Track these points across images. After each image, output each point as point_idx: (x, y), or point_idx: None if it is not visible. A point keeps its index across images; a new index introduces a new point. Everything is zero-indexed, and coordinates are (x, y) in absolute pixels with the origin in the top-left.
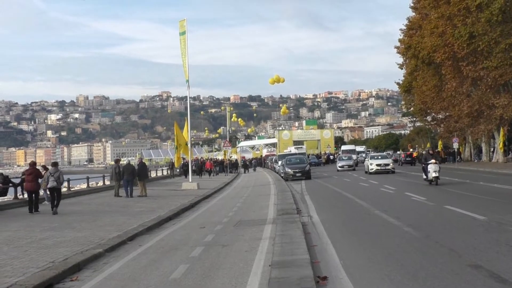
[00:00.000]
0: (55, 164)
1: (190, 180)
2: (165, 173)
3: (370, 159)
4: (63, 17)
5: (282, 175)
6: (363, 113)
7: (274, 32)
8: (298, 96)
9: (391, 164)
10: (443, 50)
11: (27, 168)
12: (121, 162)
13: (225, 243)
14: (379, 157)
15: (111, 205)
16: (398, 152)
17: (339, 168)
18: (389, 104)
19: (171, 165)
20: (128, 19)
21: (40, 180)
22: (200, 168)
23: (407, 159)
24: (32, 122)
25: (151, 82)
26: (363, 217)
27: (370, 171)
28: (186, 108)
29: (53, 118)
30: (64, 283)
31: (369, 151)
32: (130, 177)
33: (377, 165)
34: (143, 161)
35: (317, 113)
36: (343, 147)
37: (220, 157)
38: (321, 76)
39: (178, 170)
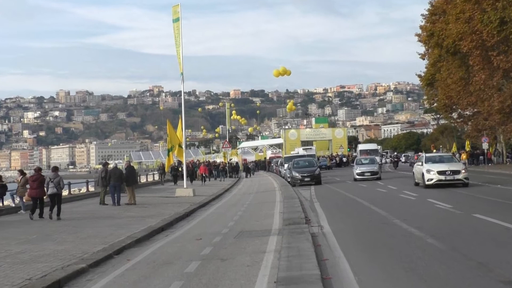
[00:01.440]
0: (55, 169)
1: (184, 186)
2: (156, 177)
3: (426, 162)
4: (42, 3)
5: (289, 179)
6: (380, 110)
7: (278, 18)
8: (307, 90)
9: (463, 171)
10: (471, 38)
11: (32, 174)
12: (109, 166)
13: (224, 257)
14: (442, 160)
15: (96, 214)
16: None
17: (358, 176)
18: (409, 99)
19: (161, 169)
20: (115, 4)
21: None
22: (192, 172)
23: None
24: (6, 121)
25: (141, 75)
26: (380, 227)
27: (428, 182)
28: (180, 104)
29: (30, 116)
30: None
31: (386, 152)
32: (117, 182)
33: (440, 173)
34: (132, 164)
35: (328, 110)
36: (361, 146)
37: (219, 159)
38: (332, 68)
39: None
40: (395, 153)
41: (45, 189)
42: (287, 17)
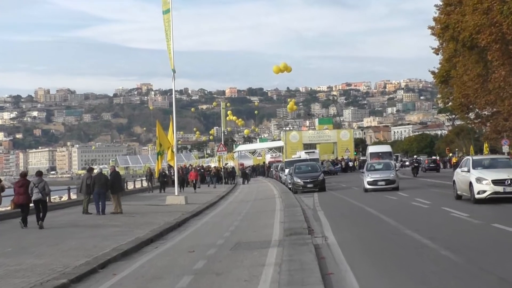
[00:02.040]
0: (39, 174)
1: (175, 193)
2: (144, 184)
3: (475, 168)
4: None
5: (290, 186)
6: (389, 110)
7: (279, 10)
8: (309, 88)
9: None
10: (489, 31)
11: (17, 180)
12: (94, 172)
13: (219, 271)
14: (496, 164)
15: (79, 224)
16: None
17: (369, 186)
18: (421, 98)
19: (148, 175)
20: None
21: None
22: (182, 179)
23: (430, 165)
24: None
25: (128, 72)
26: (390, 238)
27: (478, 195)
28: (171, 104)
29: (5, 117)
30: None
31: (396, 156)
32: (102, 189)
33: (497, 183)
34: (117, 169)
35: (332, 110)
36: (372, 148)
37: (213, 164)
38: (337, 64)
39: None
40: (415, 157)
41: (29, 195)
42: (289, 9)
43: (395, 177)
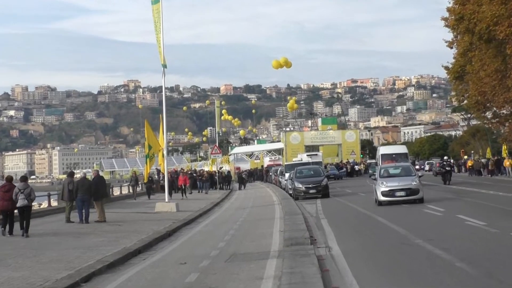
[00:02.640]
0: (24, 179)
1: (166, 200)
2: (138, 189)
3: None
4: None
5: (291, 192)
6: (399, 108)
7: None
8: (312, 85)
9: None
10: (508, 22)
11: (3, 184)
12: (76, 176)
13: (213, 285)
14: None
15: (60, 234)
16: None
17: (384, 198)
18: (434, 95)
19: (133, 180)
20: None
21: None
22: (171, 184)
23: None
24: None
25: (114, 67)
26: (400, 249)
27: None
28: (161, 102)
29: None
30: None
31: (413, 158)
32: (86, 195)
33: None
34: (101, 174)
35: (337, 109)
36: (384, 149)
37: (207, 167)
38: (342, 59)
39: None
40: (446, 159)
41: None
42: None
43: (418, 185)
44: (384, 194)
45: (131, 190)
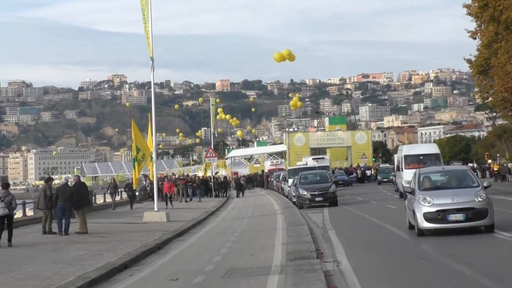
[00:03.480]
0: (6, 186)
1: (155, 209)
2: (117, 198)
3: None
4: None
5: (294, 200)
6: (415, 106)
7: None
8: (318, 81)
9: None
10: None
11: None
12: (55, 182)
13: None
14: None
15: (37, 247)
16: None
17: (428, 225)
18: (455, 92)
19: (111, 187)
20: None
21: None
22: (132, 193)
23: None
24: None
25: (97, 61)
26: (418, 264)
27: None
28: (150, 99)
29: None
30: None
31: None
32: (68, 204)
33: None
34: (83, 180)
35: (346, 107)
36: (408, 149)
37: (200, 173)
38: (352, 52)
39: (137, 194)
40: (473, 165)
41: None
42: None
43: (485, 203)
44: (429, 217)
45: (110, 199)
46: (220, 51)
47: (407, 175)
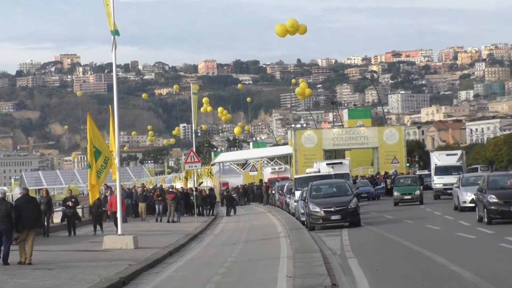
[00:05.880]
0: None
1: (118, 232)
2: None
3: None
4: None
5: (304, 218)
6: (462, 94)
7: None
8: (333, 61)
9: None
10: None
11: None
12: None
13: None
14: None
15: None
16: None
17: None
18: None
19: (44, 203)
20: None
21: None
22: (97, 211)
23: None
24: None
25: (40, 35)
26: None
27: None
28: (111, 87)
29: None
30: None
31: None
32: (5, 224)
33: None
34: (30, 194)
35: (371, 96)
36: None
37: (179, 183)
38: (377, 22)
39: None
40: None
41: None
42: None
43: None
44: None
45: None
46: (204, 22)
47: None
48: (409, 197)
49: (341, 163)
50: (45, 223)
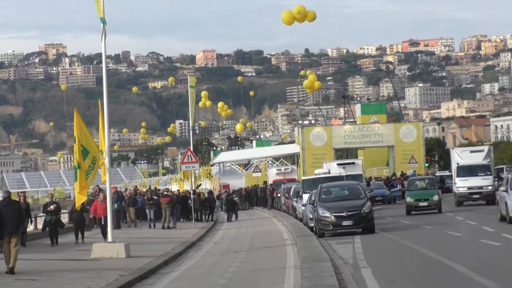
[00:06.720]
0: None
1: (109, 239)
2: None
3: None
4: None
5: (312, 224)
6: (486, 87)
7: None
8: (345, 51)
9: None
10: None
11: None
12: None
13: None
14: None
15: None
16: None
17: None
18: None
19: (23, 208)
20: None
21: None
22: (79, 216)
23: None
24: None
25: (24, 24)
26: None
27: None
28: (100, 79)
29: None
30: None
31: (501, 169)
32: None
33: None
34: (13, 197)
35: (386, 89)
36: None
37: (175, 186)
38: (393, 8)
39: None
40: None
41: None
42: None
43: None
44: None
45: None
46: (202, 8)
47: None
48: (425, 203)
49: (353, 163)
50: (24, 233)
